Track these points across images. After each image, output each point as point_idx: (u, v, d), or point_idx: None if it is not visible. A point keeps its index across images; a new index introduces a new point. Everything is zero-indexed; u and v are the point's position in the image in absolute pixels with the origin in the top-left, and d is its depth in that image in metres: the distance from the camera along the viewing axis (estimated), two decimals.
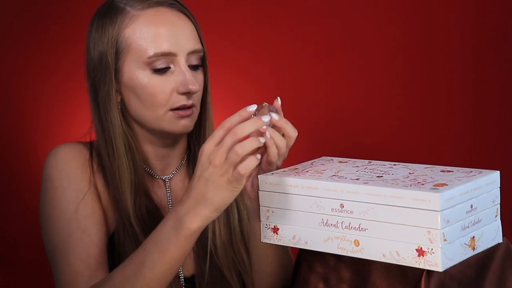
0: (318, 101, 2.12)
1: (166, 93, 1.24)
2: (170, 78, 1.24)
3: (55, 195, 1.26)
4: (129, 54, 1.24)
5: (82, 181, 1.27)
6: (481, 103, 2.12)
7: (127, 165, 1.26)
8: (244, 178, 1.03)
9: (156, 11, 1.24)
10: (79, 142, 1.32)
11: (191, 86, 1.23)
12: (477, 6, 2.09)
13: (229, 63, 2.06)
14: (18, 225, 1.98)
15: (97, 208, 1.26)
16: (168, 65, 1.24)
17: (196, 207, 1.06)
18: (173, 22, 1.25)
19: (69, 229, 1.24)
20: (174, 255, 1.10)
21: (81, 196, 1.25)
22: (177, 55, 1.23)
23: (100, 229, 1.25)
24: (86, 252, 1.22)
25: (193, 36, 1.27)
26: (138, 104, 1.25)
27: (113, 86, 1.25)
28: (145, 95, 1.24)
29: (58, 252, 1.24)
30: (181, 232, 1.08)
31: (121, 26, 1.24)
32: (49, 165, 1.28)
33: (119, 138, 1.26)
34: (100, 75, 1.26)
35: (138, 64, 1.24)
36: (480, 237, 1.02)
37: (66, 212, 1.24)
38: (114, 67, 1.24)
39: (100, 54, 1.25)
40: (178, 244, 1.09)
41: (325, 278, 1.10)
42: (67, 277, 1.22)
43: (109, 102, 1.25)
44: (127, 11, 1.25)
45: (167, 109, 1.24)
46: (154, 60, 1.23)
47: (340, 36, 2.11)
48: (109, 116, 1.26)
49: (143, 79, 1.24)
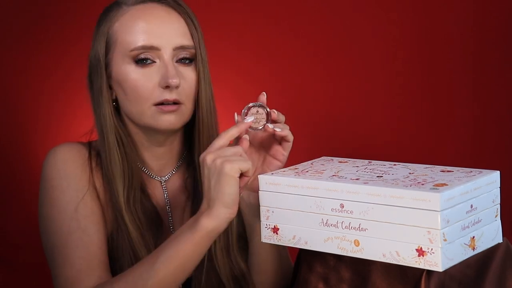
0: (318, 101, 2.12)
1: (148, 87, 1.24)
2: (153, 72, 1.24)
3: (53, 195, 1.26)
4: (116, 48, 1.25)
5: (81, 181, 1.27)
6: (481, 103, 2.11)
7: (118, 157, 1.26)
8: (237, 166, 1.09)
9: (144, 6, 1.26)
10: (78, 142, 1.32)
11: (170, 80, 1.22)
12: (477, 6, 2.09)
13: (229, 62, 2.06)
14: (18, 225, 1.98)
15: (96, 208, 1.26)
16: (154, 60, 1.24)
17: (209, 208, 1.11)
18: (161, 17, 1.25)
19: (68, 229, 1.24)
20: (188, 253, 1.13)
21: (80, 195, 1.26)
22: (160, 50, 1.24)
23: (100, 228, 1.26)
24: (86, 251, 1.22)
25: (182, 31, 1.26)
26: (124, 98, 1.26)
27: (104, 80, 1.26)
28: (129, 89, 1.25)
29: (57, 252, 1.24)
30: (197, 231, 1.12)
31: (112, 21, 1.26)
32: (48, 165, 1.28)
33: (110, 131, 1.27)
34: (93, 70, 1.27)
35: (123, 58, 1.24)
36: (480, 237, 1.02)
37: (66, 212, 1.25)
38: (104, 61, 1.26)
39: (95, 50, 1.27)
40: (193, 241, 1.12)
41: (325, 278, 1.10)
42: (68, 276, 1.22)
43: (101, 96, 1.26)
44: (121, 7, 1.26)
45: (150, 104, 1.24)
46: (137, 53, 1.23)
47: (340, 36, 2.11)
48: (102, 110, 1.27)
49: (128, 73, 1.24)
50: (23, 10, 2.00)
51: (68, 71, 1.98)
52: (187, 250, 1.13)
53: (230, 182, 1.09)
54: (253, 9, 2.10)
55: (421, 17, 2.11)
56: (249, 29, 2.10)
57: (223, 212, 1.10)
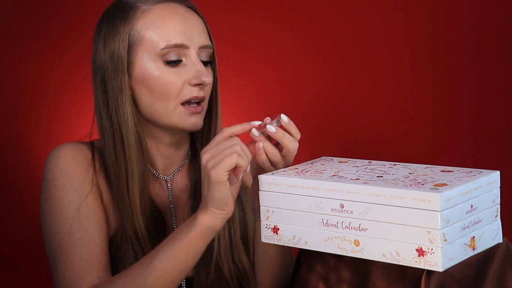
0: (318, 101, 2.12)
1: (178, 85, 1.24)
2: (182, 70, 1.25)
3: (56, 195, 1.26)
4: (141, 47, 1.24)
5: (85, 181, 1.27)
6: (482, 103, 2.11)
7: (136, 160, 1.26)
8: (221, 170, 1.08)
9: (167, 6, 1.26)
10: (80, 142, 1.31)
11: (204, 78, 1.24)
12: (479, 7, 2.09)
13: (231, 62, 2.06)
14: (18, 225, 1.98)
15: (98, 209, 1.26)
16: (180, 58, 1.25)
17: (206, 206, 1.12)
18: (185, 16, 1.26)
19: (70, 229, 1.24)
20: (186, 249, 1.14)
21: (83, 196, 1.25)
22: (189, 48, 1.24)
23: (102, 229, 1.26)
24: (88, 252, 1.23)
25: (204, 31, 1.28)
26: (149, 97, 1.25)
27: (126, 79, 1.25)
28: (156, 87, 1.24)
29: (59, 251, 1.24)
30: (195, 227, 1.13)
31: (133, 21, 1.25)
32: (50, 164, 1.27)
33: (131, 132, 1.25)
34: (111, 69, 1.25)
35: (150, 57, 1.24)
36: (480, 237, 1.02)
37: (68, 212, 1.24)
38: (127, 60, 1.24)
39: (111, 50, 1.25)
40: (190, 239, 1.13)
41: (325, 278, 1.10)
42: (69, 276, 1.22)
43: (121, 96, 1.25)
44: (138, 6, 1.26)
45: (178, 102, 1.24)
46: (166, 52, 1.23)
47: (340, 36, 2.11)
48: (121, 110, 1.25)
49: (155, 71, 1.24)
50: (23, 10, 2.00)
51: (68, 71, 1.98)
52: (183, 248, 1.14)
53: (217, 188, 1.09)
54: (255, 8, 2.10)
55: (421, 17, 2.11)
56: (251, 29, 2.10)
57: (218, 212, 1.12)
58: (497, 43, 2.10)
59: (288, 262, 1.30)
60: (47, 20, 2.01)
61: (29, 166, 1.99)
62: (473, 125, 2.12)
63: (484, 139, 2.12)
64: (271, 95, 2.09)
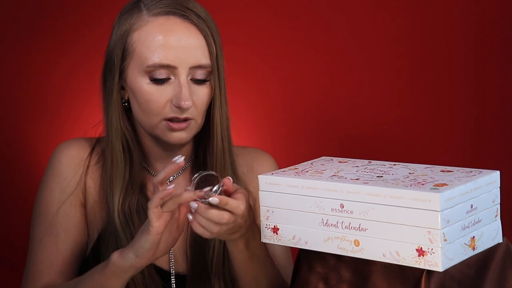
0: (318, 101, 2.12)
1: (160, 103, 1.23)
2: (167, 88, 1.23)
3: (42, 192, 1.30)
4: (133, 59, 1.24)
5: (70, 183, 1.29)
6: (482, 103, 2.11)
7: (121, 163, 1.27)
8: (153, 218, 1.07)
9: (166, 20, 1.23)
10: (84, 139, 1.33)
11: (183, 102, 1.21)
12: (479, 6, 2.09)
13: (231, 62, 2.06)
14: (18, 225, 1.98)
15: (74, 215, 1.29)
16: (169, 76, 1.23)
17: (125, 248, 1.13)
18: (181, 34, 1.22)
19: (45, 229, 1.28)
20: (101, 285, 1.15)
21: (64, 198, 1.28)
22: (177, 68, 1.22)
23: (73, 239, 1.29)
24: (49, 258, 1.27)
25: (201, 50, 1.24)
26: (137, 107, 1.26)
27: (116, 84, 1.25)
28: (141, 100, 1.24)
29: (31, 244, 1.30)
30: (108, 265, 1.14)
31: (133, 27, 1.24)
32: (49, 161, 1.31)
33: (116, 136, 1.27)
34: (107, 69, 1.27)
35: (138, 70, 1.23)
36: (480, 237, 1.02)
37: (47, 213, 1.29)
38: (119, 67, 1.25)
39: (112, 48, 1.26)
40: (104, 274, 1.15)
41: (325, 278, 1.10)
42: (30, 273, 1.28)
43: (111, 98, 1.26)
44: (142, 13, 1.24)
45: (161, 118, 1.24)
46: (153, 69, 1.22)
47: (340, 36, 2.11)
48: (110, 112, 1.27)
49: (142, 85, 1.23)
50: (23, 10, 2.00)
51: (69, 71, 1.98)
52: (98, 283, 1.16)
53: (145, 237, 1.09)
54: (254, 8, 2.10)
55: (421, 17, 2.11)
56: (250, 29, 2.09)
57: (131, 257, 1.12)
58: (497, 43, 2.09)
59: (268, 272, 1.26)
60: (47, 20, 2.01)
61: (29, 166, 1.99)
62: (473, 125, 2.12)
63: (484, 139, 2.12)
64: (271, 95, 2.08)
